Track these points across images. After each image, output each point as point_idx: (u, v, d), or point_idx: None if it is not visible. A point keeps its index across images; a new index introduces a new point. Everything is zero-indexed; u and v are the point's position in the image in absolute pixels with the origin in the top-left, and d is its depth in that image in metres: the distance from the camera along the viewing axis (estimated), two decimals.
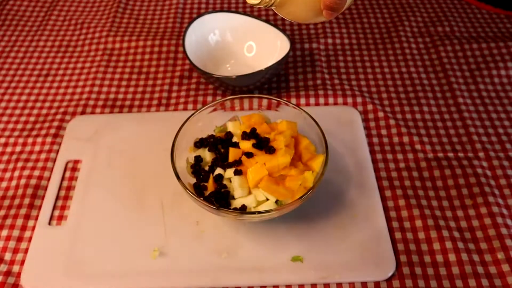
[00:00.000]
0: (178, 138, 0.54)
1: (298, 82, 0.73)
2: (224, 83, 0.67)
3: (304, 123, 0.57)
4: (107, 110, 0.70)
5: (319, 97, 0.69)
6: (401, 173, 0.60)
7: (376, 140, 0.64)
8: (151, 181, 0.59)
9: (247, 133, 0.54)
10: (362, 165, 0.60)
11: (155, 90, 0.73)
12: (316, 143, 0.55)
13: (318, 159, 0.53)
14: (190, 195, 0.50)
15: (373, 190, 0.58)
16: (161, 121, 0.66)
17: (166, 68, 0.77)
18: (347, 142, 0.63)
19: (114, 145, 0.64)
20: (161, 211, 0.56)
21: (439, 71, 0.74)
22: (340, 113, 0.67)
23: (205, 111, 0.58)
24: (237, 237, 0.54)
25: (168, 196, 0.58)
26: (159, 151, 0.61)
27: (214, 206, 0.49)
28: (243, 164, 0.52)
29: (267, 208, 0.50)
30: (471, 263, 0.51)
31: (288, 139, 0.53)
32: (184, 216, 0.56)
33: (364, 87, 0.72)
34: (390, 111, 0.68)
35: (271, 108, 0.59)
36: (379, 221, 0.55)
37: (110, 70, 0.77)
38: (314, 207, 0.56)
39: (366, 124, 0.66)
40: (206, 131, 0.58)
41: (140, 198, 0.58)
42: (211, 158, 0.55)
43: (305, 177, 0.51)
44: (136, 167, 0.61)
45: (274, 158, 0.51)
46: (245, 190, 0.51)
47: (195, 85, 0.73)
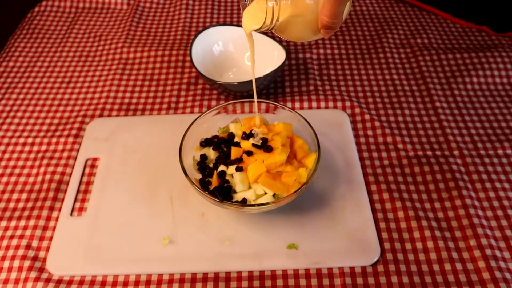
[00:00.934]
0: (185, 138, 0.54)
1: (293, 88, 0.72)
2: (227, 88, 0.67)
3: (299, 124, 0.56)
4: (122, 113, 0.69)
5: (312, 101, 0.69)
6: (385, 169, 0.60)
7: (363, 140, 0.64)
8: (161, 177, 0.59)
9: (246, 134, 0.54)
10: (350, 163, 0.60)
11: (165, 95, 0.72)
12: (309, 143, 0.55)
13: (311, 157, 0.53)
14: (196, 189, 0.50)
15: (360, 184, 0.57)
16: (170, 123, 0.66)
17: (175, 75, 0.76)
18: (337, 141, 0.62)
19: (128, 144, 0.64)
20: (170, 203, 0.56)
21: (418, 78, 0.74)
22: (330, 115, 0.66)
23: (209, 114, 0.57)
24: (238, 227, 0.54)
25: (176, 190, 0.57)
26: (169, 150, 0.61)
27: (218, 199, 0.49)
28: (243, 161, 0.52)
29: (265, 201, 0.50)
30: (447, 249, 0.51)
31: (284, 139, 0.53)
32: (190, 208, 0.55)
33: (352, 92, 0.72)
34: (376, 114, 0.68)
35: (269, 111, 0.59)
36: (366, 213, 0.54)
37: (125, 77, 0.76)
38: (307, 200, 0.56)
39: (354, 126, 0.66)
40: (210, 132, 0.58)
41: (151, 191, 0.57)
42: (215, 156, 0.54)
43: (300, 173, 0.51)
44: (148, 164, 0.61)
45: (272, 156, 0.51)
46: (245, 185, 0.51)
47: (200, 91, 0.73)
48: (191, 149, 0.56)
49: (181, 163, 0.51)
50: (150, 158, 0.62)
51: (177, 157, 0.52)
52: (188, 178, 0.50)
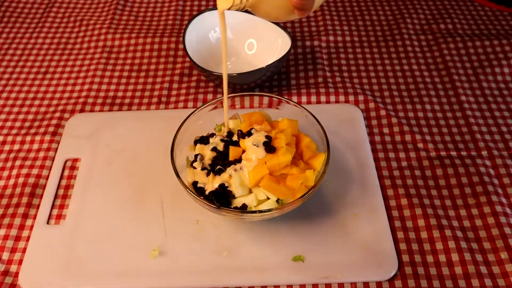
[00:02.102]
0: (178, 136, 0.54)
1: (299, 80, 0.73)
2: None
3: (305, 121, 0.57)
4: (107, 108, 0.70)
5: (320, 95, 0.69)
6: (403, 171, 0.60)
7: (378, 139, 0.64)
8: (151, 180, 0.59)
9: (242, 132, 0.54)
10: (363, 164, 0.60)
11: (155, 88, 0.73)
12: (318, 142, 0.55)
13: (320, 158, 0.53)
14: (190, 194, 0.50)
15: (375, 189, 0.57)
16: (161, 119, 0.66)
17: (166, 65, 0.76)
18: (349, 140, 0.62)
19: (113, 143, 0.64)
20: (160, 210, 0.56)
21: (441, 69, 0.74)
22: (341, 111, 0.66)
23: (205, 109, 0.58)
24: (238, 236, 0.54)
25: (168, 194, 0.58)
26: (159, 149, 0.61)
27: (214, 205, 0.49)
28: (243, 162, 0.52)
29: (268, 207, 0.50)
30: (474, 263, 0.51)
31: (289, 137, 0.53)
32: (184, 215, 0.56)
33: (366, 85, 0.72)
34: (392, 109, 0.68)
35: (272, 106, 0.59)
36: (381, 220, 0.55)
37: (109, 67, 0.76)
38: (315, 206, 0.56)
39: (368, 122, 0.66)
40: (206, 129, 0.58)
41: (139, 196, 0.58)
42: (212, 156, 0.54)
43: (306, 176, 0.51)
44: (136, 166, 0.61)
45: (275, 156, 0.51)
46: (245, 189, 0.51)
47: (195, 83, 0.73)
48: (184, 149, 0.56)
49: (173, 164, 0.51)
50: (138, 159, 0.62)
51: (168, 157, 0.53)
52: (181, 181, 0.50)
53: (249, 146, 0.52)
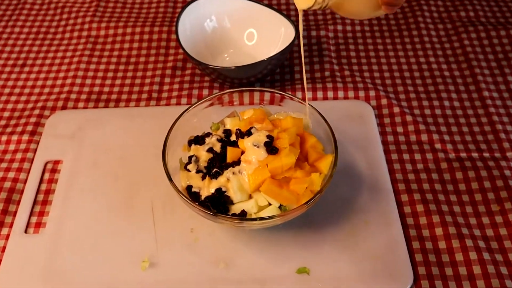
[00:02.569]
0: (170, 135, 0.54)
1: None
2: (222, 74, 0.67)
3: (311, 119, 0.57)
4: (91, 105, 0.70)
5: (327, 91, 0.69)
6: (419, 175, 0.60)
7: (391, 138, 0.64)
8: (140, 184, 0.59)
9: (241, 132, 0.54)
10: (375, 166, 0.60)
11: (145, 83, 0.73)
12: (324, 142, 0.55)
13: (326, 160, 0.53)
14: (183, 199, 0.50)
15: (388, 194, 0.58)
16: (151, 117, 0.67)
17: (157, 58, 0.77)
18: (359, 140, 0.63)
19: (99, 144, 0.64)
20: (151, 217, 0.57)
21: (462, 61, 0.74)
22: (351, 108, 0.67)
23: (200, 106, 0.58)
24: (236, 246, 0.54)
25: (159, 200, 0.58)
26: (149, 150, 0.61)
27: (210, 212, 0.49)
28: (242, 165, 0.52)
29: (270, 214, 0.50)
30: (498, 276, 0.51)
31: (292, 137, 0.53)
32: (177, 222, 0.56)
33: (377, 79, 0.72)
34: (407, 106, 0.68)
35: (274, 102, 0.60)
36: (394, 229, 0.55)
37: (94, 59, 0.77)
38: (322, 213, 0.56)
39: (380, 121, 0.66)
40: (201, 128, 0.58)
41: (128, 202, 0.58)
42: (208, 158, 0.55)
43: (312, 179, 0.51)
44: (124, 168, 0.61)
45: (277, 158, 0.51)
46: (244, 194, 0.51)
47: (189, 77, 0.73)
48: (177, 149, 0.56)
49: (165, 166, 0.52)
50: (126, 161, 0.62)
51: (159, 159, 0.53)
52: (174, 185, 0.50)
53: (248, 146, 0.52)
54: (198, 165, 0.54)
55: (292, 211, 0.49)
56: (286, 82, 0.71)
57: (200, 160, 0.55)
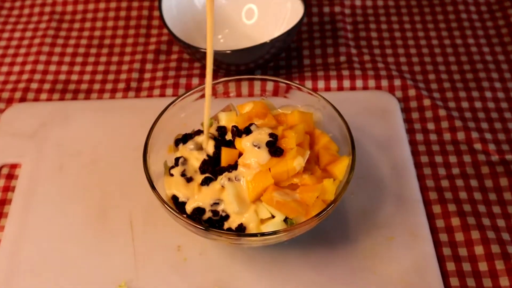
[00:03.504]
0: (153, 134, 0.54)
1: (314, 59, 0.73)
2: (215, 60, 0.66)
3: (323, 114, 0.57)
4: (56, 96, 0.70)
5: (343, 79, 0.69)
6: (454, 181, 0.60)
7: (420, 137, 0.64)
8: (116, 193, 0.60)
9: (238, 129, 0.54)
10: (401, 171, 0.60)
11: (121, 69, 0.73)
12: (339, 142, 0.55)
13: (342, 163, 0.53)
14: (168, 211, 0.50)
15: (416, 204, 0.58)
16: (130, 111, 0.67)
17: (137, 39, 0.77)
18: (381, 139, 0.63)
19: (66, 144, 0.64)
20: (129, 232, 0.57)
21: (507, 43, 0.74)
22: (371, 100, 0.67)
23: (189, 98, 0.58)
24: (232, 267, 0.54)
25: (139, 212, 0.58)
26: (128, 152, 0.62)
27: (201, 226, 0.49)
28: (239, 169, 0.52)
29: (273, 228, 0.50)
30: None
31: (301, 135, 0.53)
32: (160, 239, 0.56)
33: (404, 65, 0.72)
34: (440, 98, 0.68)
35: (278, 94, 0.60)
36: (425, 247, 0.55)
37: (59, 41, 0.77)
38: (336, 227, 0.56)
39: (407, 116, 0.67)
40: (190, 124, 0.58)
41: (101, 215, 0.58)
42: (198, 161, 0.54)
43: (324, 187, 0.51)
44: (96, 174, 0.61)
45: (282, 161, 0.51)
46: (243, 205, 0.51)
47: (175, 63, 0.73)
48: (161, 151, 0.56)
49: (146, 171, 0.52)
50: (99, 164, 0.62)
51: (140, 162, 0.53)
52: (157, 194, 0.50)
53: (247, 147, 0.52)
54: (187, 170, 0.54)
55: (300, 225, 0.49)
56: (292, 69, 0.72)
57: (188, 163, 0.54)
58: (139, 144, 0.54)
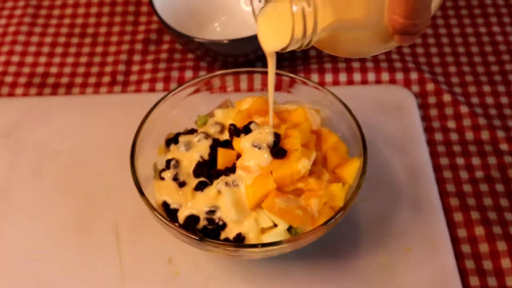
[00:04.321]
0: (141, 133, 0.55)
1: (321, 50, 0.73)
2: (211, 50, 0.67)
3: (332, 111, 0.57)
4: (34, 91, 0.70)
5: (353, 72, 0.70)
6: (477, 186, 0.61)
7: (439, 137, 0.65)
8: (100, 199, 0.60)
9: (236, 128, 0.54)
10: (418, 174, 0.61)
11: (106, 61, 0.74)
12: (349, 142, 0.56)
13: (352, 166, 0.53)
14: (158, 219, 0.50)
15: (435, 212, 0.58)
16: (115, 108, 0.67)
17: (123, 27, 0.77)
18: (396, 139, 0.63)
19: (44, 144, 0.65)
20: (115, 243, 0.57)
21: None
22: (385, 95, 0.67)
23: (182, 93, 0.58)
24: (230, 282, 0.54)
25: (125, 220, 0.58)
26: (113, 153, 0.62)
27: (195, 236, 0.49)
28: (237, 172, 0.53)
29: (275, 238, 0.50)
30: None
31: (306, 135, 0.54)
32: (150, 250, 0.56)
33: (421, 56, 0.73)
34: (461, 93, 0.69)
35: (281, 88, 0.60)
36: (445, 259, 0.55)
37: (37, 30, 0.77)
38: (346, 237, 0.56)
39: (425, 113, 0.67)
40: (183, 122, 0.59)
41: (84, 223, 0.58)
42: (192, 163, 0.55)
43: (333, 192, 0.51)
44: (79, 177, 0.62)
45: (286, 164, 0.51)
46: (242, 212, 0.51)
47: (166, 54, 0.74)
48: (150, 152, 0.57)
49: (134, 175, 0.52)
50: (82, 167, 0.63)
51: (127, 164, 0.53)
52: (146, 201, 0.51)
53: (247, 148, 0.52)
54: (179, 173, 0.54)
55: (305, 235, 0.49)
56: (297, 61, 0.72)
57: (181, 166, 0.55)
58: (126, 145, 0.54)
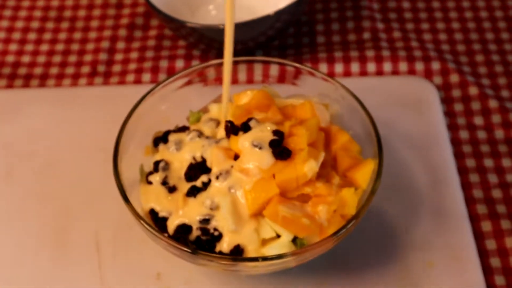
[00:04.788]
0: (126, 131, 0.54)
1: (331, 35, 0.73)
2: (205, 37, 0.67)
3: (342, 106, 0.57)
4: (3, 83, 0.71)
5: (367, 62, 0.70)
6: (508, 192, 0.60)
7: (465, 135, 0.64)
8: (79, 205, 0.60)
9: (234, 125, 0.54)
10: (441, 178, 0.60)
11: (85, 49, 0.73)
12: (362, 140, 0.55)
13: (366, 168, 0.53)
14: (145, 228, 0.50)
15: (461, 221, 0.58)
16: (96, 102, 0.67)
17: (105, 11, 0.77)
18: (416, 138, 0.63)
19: (15, 143, 0.65)
20: (95, 256, 0.57)
21: None
22: (403, 88, 0.67)
23: (172, 85, 0.58)
24: None
25: (107, 231, 0.58)
26: (94, 153, 0.62)
27: (186, 249, 0.49)
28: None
29: (279, 251, 0.50)
30: None
31: (313, 133, 0.53)
32: (135, 264, 0.56)
33: (444, 43, 0.72)
34: (490, 85, 0.68)
35: (285, 80, 0.60)
36: (472, 274, 0.55)
37: (7, 13, 0.77)
38: (359, 250, 0.56)
39: (448, 108, 0.67)
40: (173, 119, 0.58)
41: (60, 234, 0.58)
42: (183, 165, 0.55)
43: (344, 198, 0.51)
44: (54, 181, 0.62)
45: (290, 166, 0.51)
46: (240, 221, 0.51)
47: (154, 41, 0.74)
48: (136, 152, 0.56)
49: (118, 178, 0.52)
50: (58, 169, 0.62)
51: (109, 167, 0.53)
52: (131, 208, 0.50)
53: (246, 148, 0.52)
54: (169, 177, 0.54)
55: (312, 247, 0.49)
56: (303, 49, 0.72)
57: (171, 168, 0.55)
58: (109, 144, 0.54)
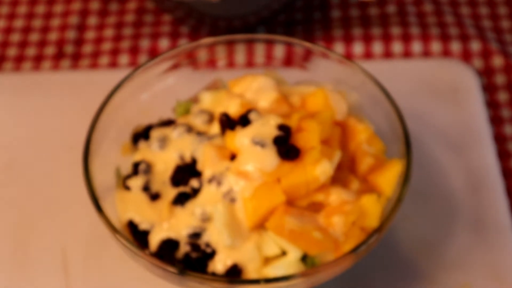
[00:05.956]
0: (99, 125, 0.55)
1: (348, 9, 0.73)
2: (195, 11, 0.68)
3: (362, 94, 0.57)
4: None
5: (392, 41, 0.70)
6: None
7: (510, 131, 0.65)
8: (42, 215, 0.60)
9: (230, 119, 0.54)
10: (481, 183, 0.61)
11: (50, 26, 0.74)
12: (387, 137, 0.56)
13: (391, 171, 0.53)
14: (122, 244, 0.50)
15: (504, 234, 0.58)
16: (63, 90, 0.68)
17: None
18: (451, 134, 0.63)
19: None
20: (62, 276, 0.57)
21: None
22: (436, 74, 0.67)
23: (155, 69, 0.59)
24: None
25: (76, 246, 0.58)
26: (60, 153, 0.63)
27: (172, 269, 0.49)
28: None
29: (284, 271, 0.50)
30: None
31: (327, 127, 0.53)
32: (109, 285, 0.57)
33: (486, 19, 0.73)
34: None
35: (292, 62, 0.60)
36: None
37: None
38: (383, 269, 0.57)
39: (491, 98, 0.67)
40: (156, 110, 0.59)
41: (19, 250, 0.58)
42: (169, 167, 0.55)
43: (364, 207, 0.51)
44: (13, 185, 0.62)
45: (299, 168, 0.51)
46: (238, 235, 0.51)
47: (134, 16, 0.74)
48: (111, 151, 0.57)
49: (89, 182, 0.52)
50: (17, 172, 0.63)
51: (78, 168, 0.53)
52: (104, 219, 0.50)
53: (245, 146, 0.52)
54: (151, 181, 0.55)
55: (326, 267, 0.49)
56: (315, 25, 0.72)
57: (154, 171, 0.55)
58: (78, 141, 0.54)
